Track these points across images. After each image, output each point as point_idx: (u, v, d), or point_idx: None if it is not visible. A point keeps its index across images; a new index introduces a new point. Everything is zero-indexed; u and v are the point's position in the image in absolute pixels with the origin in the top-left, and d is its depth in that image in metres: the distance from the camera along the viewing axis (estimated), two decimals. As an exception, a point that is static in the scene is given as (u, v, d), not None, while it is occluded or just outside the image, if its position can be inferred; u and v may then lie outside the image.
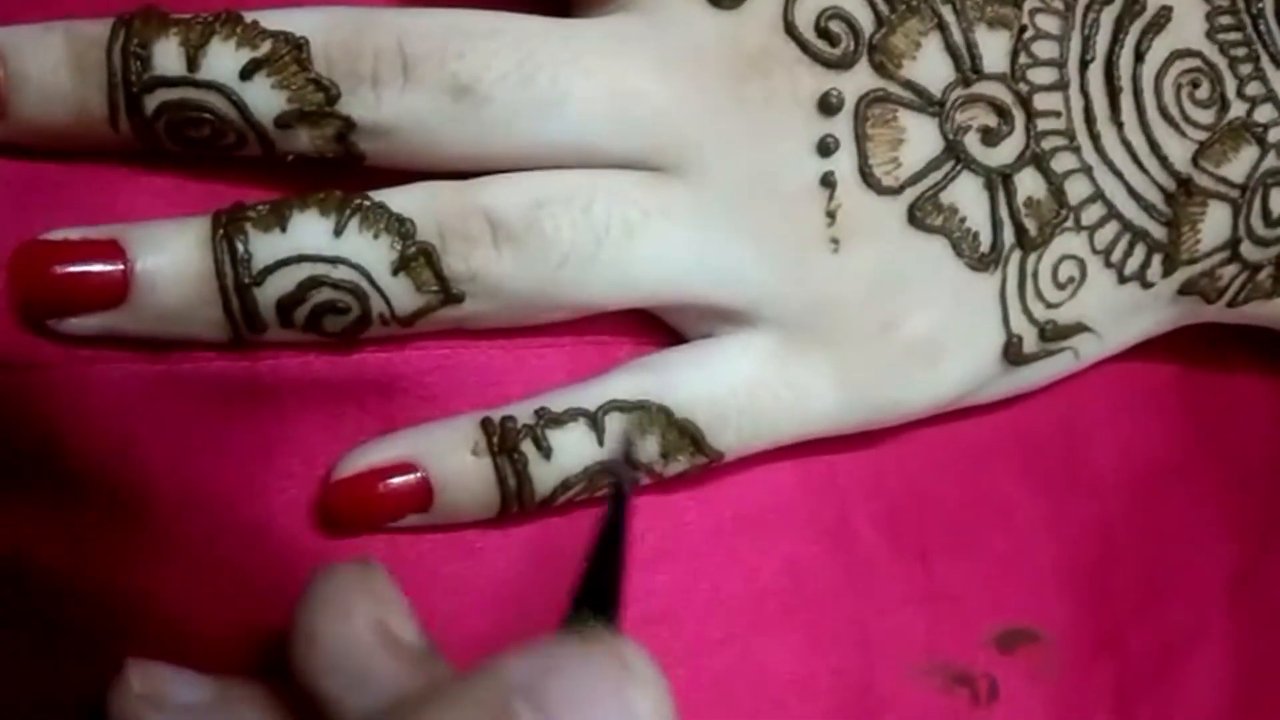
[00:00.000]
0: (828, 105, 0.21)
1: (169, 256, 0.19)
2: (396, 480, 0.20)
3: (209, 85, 0.19)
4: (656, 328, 0.22)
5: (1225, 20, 0.23)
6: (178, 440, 0.21)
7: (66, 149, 0.20)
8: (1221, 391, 0.27)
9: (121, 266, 0.19)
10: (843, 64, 0.21)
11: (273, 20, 0.20)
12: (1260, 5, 0.23)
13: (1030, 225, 0.22)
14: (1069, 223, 0.22)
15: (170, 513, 0.21)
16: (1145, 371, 0.25)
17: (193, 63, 0.19)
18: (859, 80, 0.21)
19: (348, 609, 0.18)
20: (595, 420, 0.20)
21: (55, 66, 0.19)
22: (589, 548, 0.18)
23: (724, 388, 0.21)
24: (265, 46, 0.19)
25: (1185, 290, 0.23)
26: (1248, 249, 0.23)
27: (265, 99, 0.19)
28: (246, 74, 0.19)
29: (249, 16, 0.20)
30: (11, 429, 0.20)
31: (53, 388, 0.20)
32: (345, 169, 0.20)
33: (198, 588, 0.21)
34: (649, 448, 0.21)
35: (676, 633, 0.22)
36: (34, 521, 0.21)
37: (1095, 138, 0.22)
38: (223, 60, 0.19)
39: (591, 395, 0.21)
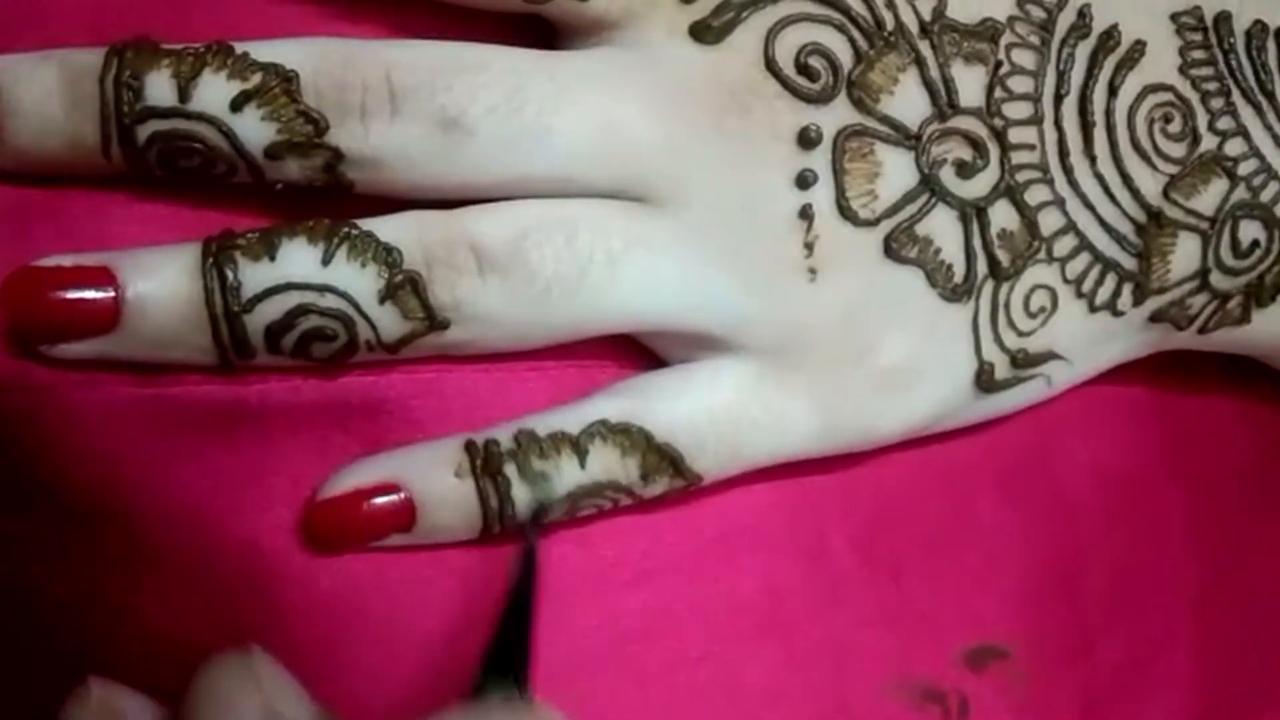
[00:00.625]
0: (806, 140, 0.21)
1: (159, 284, 0.20)
2: (380, 500, 0.21)
3: (200, 116, 0.20)
4: (639, 352, 0.23)
5: (1198, 55, 0.23)
6: (167, 462, 0.21)
7: (59, 175, 0.21)
8: (1191, 409, 0.27)
9: (113, 293, 0.20)
10: (822, 99, 0.21)
11: (263, 52, 0.20)
12: (1232, 40, 0.23)
13: (1003, 257, 0.22)
14: (1041, 254, 0.22)
15: (159, 533, 0.21)
16: (1117, 389, 0.26)
17: (184, 94, 0.20)
18: (837, 115, 0.21)
19: (233, 702, 0.18)
20: (577, 444, 0.21)
21: (48, 96, 0.20)
22: (499, 609, 0.18)
23: (703, 412, 0.22)
24: (255, 79, 0.20)
25: (1156, 318, 0.24)
26: (1217, 279, 0.23)
27: (255, 130, 0.20)
28: (237, 105, 0.20)
29: (240, 48, 0.20)
30: (7, 454, 0.21)
31: (44, 410, 0.21)
32: (334, 195, 0.21)
33: (186, 607, 0.21)
34: (629, 471, 0.21)
35: (655, 649, 0.23)
36: (24, 541, 0.21)
37: (1068, 171, 0.22)
38: (214, 92, 0.20)
39: (574, 418, 0.21)
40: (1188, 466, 0.27)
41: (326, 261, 0.20)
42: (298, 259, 0.20)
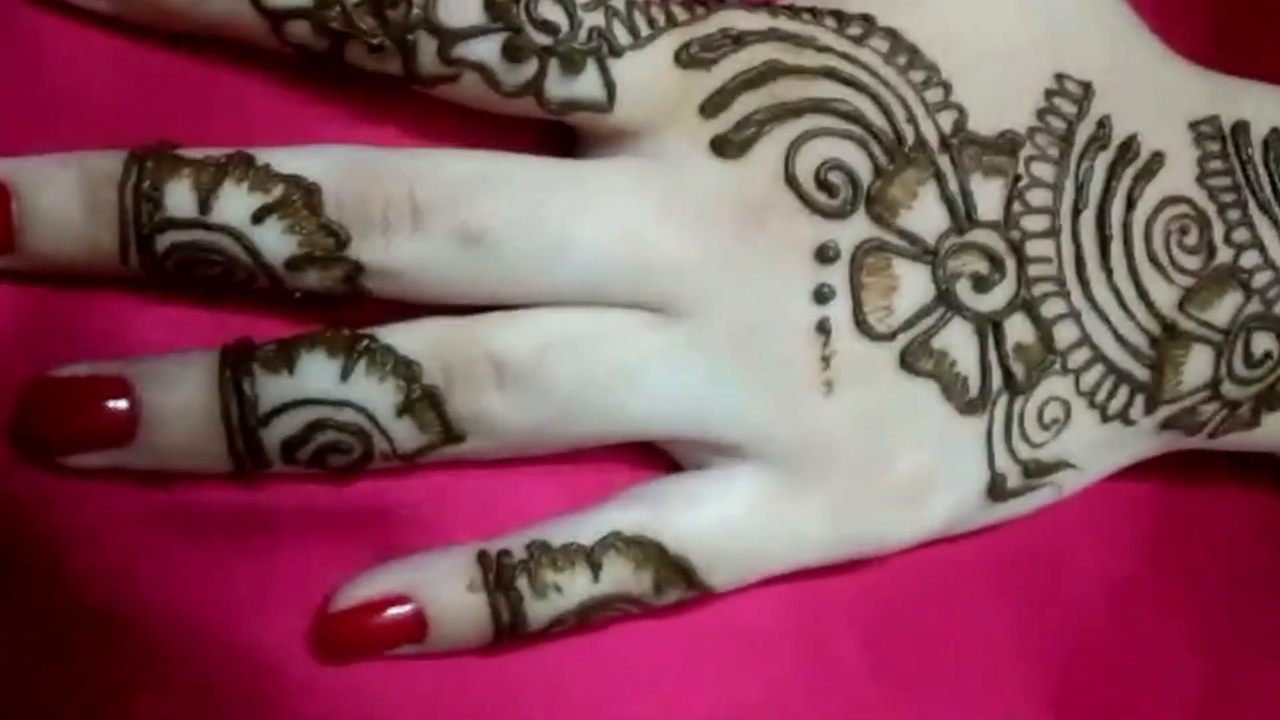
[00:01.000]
0: (824, 255, 0.21)
1: (176, 397, 0.20)
2: (392, 612, 0.21)
3: (220, 228, 0.20)
4: (653, 453, 0.23)
5: (1215, 165, 0.23)
6: (180, 567, 0.21)
7: (77, 277, 0.21)
8: (1197, 506, 0.27)
9: (129, 406, 0.20)
10: (841, 214, 0.21)
11: (284, 162, 0.20)
12: (1250, 151, 0.23)
13: (1018, 370, 0.22)
14: (1056, 366, 0.22)
15: (168, 636, 0.21)
16: (1122, 487, 0.26)
17: (204, 205, 0.20)
18: (856, 229, 0.21)
19: None
20: (591, 556, 0.21)
21: (67, 202, 0.20)
22: None
23: (718, 525, 0.22)
24: (277, 191, 0.20)
25: (1166, 425, 0.24)
26: (1228, 388, 0.23)
27: (276, 242, 0.20)
28: (258, 218, 0.20)
29: (261, 158, 0.20)
30: (17, 554, 0.21)
31: (59, 516, 0.21)
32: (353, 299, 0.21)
33: (197, 711, 0.21)
34: (642, 584, 0.21)
35: None
36: (37, 642, 0.21)
37: (1085, 283, 0.22)
38: (234, 204, 0.20)
39: (588, 529, 0.21)
40: (1190, 567, 0.27)
41: (345, 376, 0.20)
42: (316, 373, 0.20)
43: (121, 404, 0.20)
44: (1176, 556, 0.27)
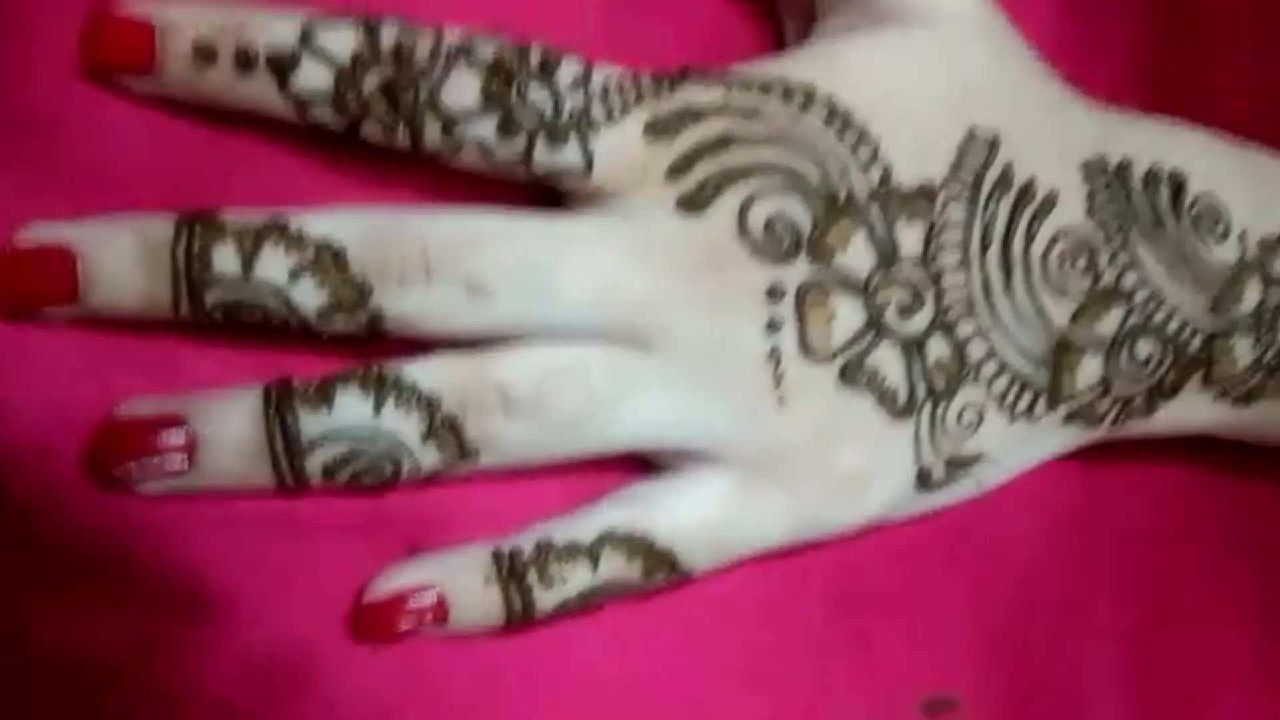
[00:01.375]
0: (773, 293, 0.25)
1: (227, 432, 0.23)
2: (419, 601, 0.24)
3: (261, 285, 0.23)
4: (633, 459, 0.26)
5: (1102, 199, 0.27)
6: (232, 565, 0.24)
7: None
8: (1117, 475, 0.31)
9: (185, 441, 0.23)
10: (786, 259, 0.25)
11: (313, 225, 0.23)
12: (1130, 185, 0.27)
13: (938, 382, 0.26)
14: (970, 377, 0.26)
15: (224, 624, 0.24)
16: (1052, 466, 0.29)
17: (247, 265, 0.23)
18: (799, 271, 0.25)
19: None
20: (590, 551, 0.25)
21: (127, 264, 0.23)
22: None
23: (696, 520, 0.26)
24: (309, 253, 0.23)
25: (1069, 420, 0.28)
26: (1118, 386, 0.28)
27: (309, 296, 0.23)
28: (293, 276, 0.23)
29: (294, 224, 0.23)
30: (92, 554, 0.24)
31: (126, 522, 0.24)
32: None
33: (246, 687, 0.24)
34: (633, 572, 0.25)
35: (641, 713, 0.26)
36: (108, 626, 0.25)
37: (991, 306, 0.26)
38: (273, 265, 0.23)
39: (588, 527, 0.25)
40: (1113, 528, 0.31)
41: (378, 410, 0.23)
42: (351, 408, 0.23)
43: (179, 438, 0.23)
44: (1101, 523, 0.30)
